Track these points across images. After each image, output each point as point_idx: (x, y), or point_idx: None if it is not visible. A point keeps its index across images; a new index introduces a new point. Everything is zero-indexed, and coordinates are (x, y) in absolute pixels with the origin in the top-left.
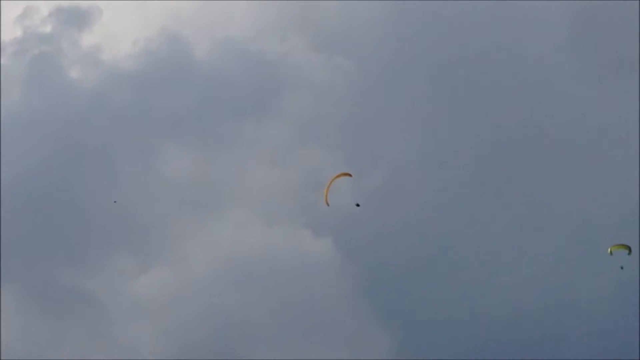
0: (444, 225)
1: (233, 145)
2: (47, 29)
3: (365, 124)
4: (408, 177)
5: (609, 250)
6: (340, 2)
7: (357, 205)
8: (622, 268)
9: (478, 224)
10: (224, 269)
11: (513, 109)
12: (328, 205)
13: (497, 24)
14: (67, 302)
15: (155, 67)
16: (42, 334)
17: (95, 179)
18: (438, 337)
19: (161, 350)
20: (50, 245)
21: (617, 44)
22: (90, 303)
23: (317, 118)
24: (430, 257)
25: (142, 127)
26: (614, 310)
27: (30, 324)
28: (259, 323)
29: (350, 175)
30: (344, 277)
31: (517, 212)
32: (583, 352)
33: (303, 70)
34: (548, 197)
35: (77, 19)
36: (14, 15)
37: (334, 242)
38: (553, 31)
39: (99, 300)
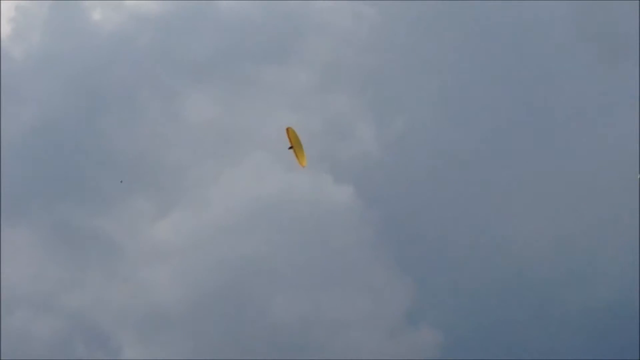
0: (465, 173)
1: (254, 90)
2: None
3: (387, 70)
4: (430, 124)
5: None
6: None
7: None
8: None
9: (498, 172)
10: (243, 214)
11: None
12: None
13: None
14: (85, 244)
15: (177, 10)
16: (59, 276)
17: (116, 122)
18: (458, 283)
19: (179, 294)
20: (70, 187)
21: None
22: (108, 246)
23: (339, 64)
24: (451, 204)
25: (163, 70)
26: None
27: (47, 265)
28: (278, 270)
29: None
30: (364, 224)
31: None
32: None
33: (325, 15)
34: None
35: None
36: None
37: (355, 189)
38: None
39: (116, 243)
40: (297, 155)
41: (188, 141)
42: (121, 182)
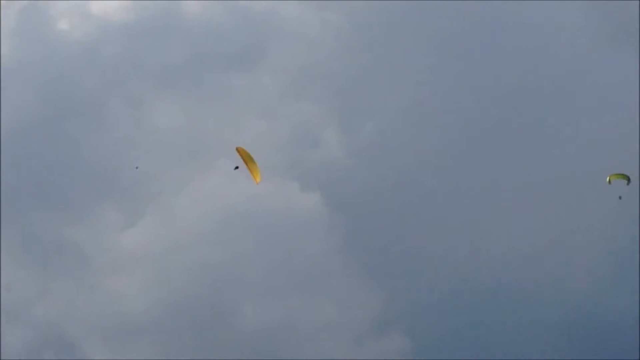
0: (433, 179)
1: (222, 97)
2: None
3: (355, 77)
4: (397, 130)
5: (608, 179)
6: None
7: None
8: (620, 198)
9: (469, 178)
10: (211, 222)
11: (509, 63)
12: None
13: None
14: (53, 253)
15: (144, 18)
16: (27, 286)
17: (83, 130)
18: (425, 292)
19: (147, 303)
20: (37, 196)
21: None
22: (76, 255)
23: (307, 71)
24: (419, 211)
25: (130, 78)
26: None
27: (15, 275)
28: (246, 277)
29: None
30: (332, 231)
31: (508, 166)
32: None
33: (293, 22)
34: (537, 156)
35: None
36: None
37: (322, 196)
38: None
39: (84, 253)
40: (251, 172)
41: (156, 149)
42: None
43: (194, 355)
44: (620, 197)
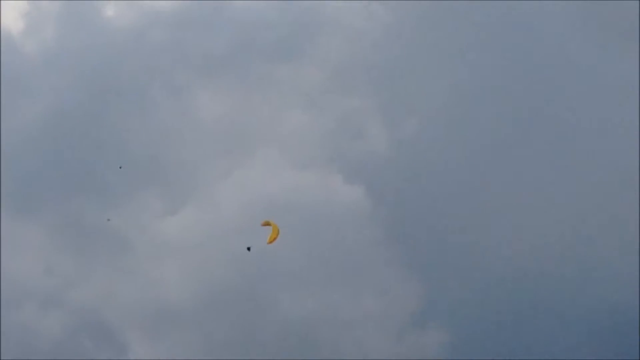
0: (474, 173)
1: (266, 88)
2: None
3: (399, 70)
4: (440, 124)
5: None
6: None
7: (248, 249)
8: None
9: (511, 172)
10: (253, 212)
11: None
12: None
13: None
14: (94, 240)
15: (191, 7)
16: (67, 272)
17: (127, 118)
18: (464, 286)
19: (187, 291)
20: (80, 183)
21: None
22: (117, 242)
23: (351, 63)
24: (460, 205)
25: (175, 67)
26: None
27: (55, 260)
28: (287, 268)
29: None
30: (374, 223)
31: (550, 162)
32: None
33: (338, 15)
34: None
35: None
36: None
37: (366, 189)
38: None
39: (126, 239)
40: (270, 235)
41: (199, 138)
42: (120, 167)
43: (230, 345)
44: None
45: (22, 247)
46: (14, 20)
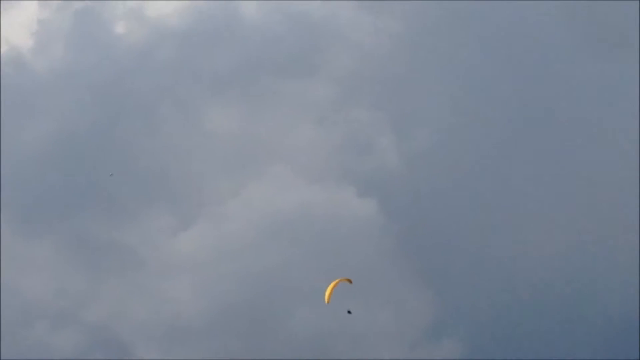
0: (487, 185)
1: (276, 103)
2: None
3: (409, 84)
4: (452, 137)
5: None
6: None
7: (349, 312)
8: None
9: (523, 184)
10: (264, 228)
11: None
12: (327, 303)
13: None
14: (106, 256)
15: (200, 24)
16: (79, 288)
17: (137, 134)
18: (478, 299)
19: (199, 307)
20: (91, 200)
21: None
22: (129, 258)
23: (360, 78)
24: (473, 217)
25: (184, 83)
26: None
27: (68, 277)
28: (299, 283)
29: (350, 281)
30: (387, 237)
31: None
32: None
33: (347, 30)
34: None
35: None
36: None
37: (378, 202)
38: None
39: (137, 256)
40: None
41: (209, 154)
42: (111, 175)
43: None
44: None
45: (34, 266)
46: (23, 38)
